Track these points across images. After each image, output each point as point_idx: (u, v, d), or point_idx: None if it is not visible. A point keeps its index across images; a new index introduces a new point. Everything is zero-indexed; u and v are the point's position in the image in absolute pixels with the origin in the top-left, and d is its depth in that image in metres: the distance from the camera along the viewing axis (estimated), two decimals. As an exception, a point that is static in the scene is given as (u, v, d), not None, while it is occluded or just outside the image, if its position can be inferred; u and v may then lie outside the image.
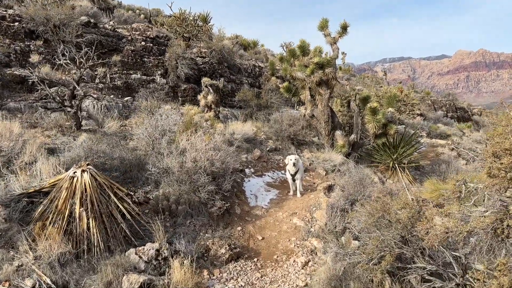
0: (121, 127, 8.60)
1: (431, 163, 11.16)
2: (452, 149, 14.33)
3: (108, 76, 11.37)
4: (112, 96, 10.74)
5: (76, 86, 7.67)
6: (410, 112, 18.31)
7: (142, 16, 21.33)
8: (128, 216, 4.84)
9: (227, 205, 6.15)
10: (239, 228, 5.93)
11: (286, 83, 10.60)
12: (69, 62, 7.61)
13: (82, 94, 7.70)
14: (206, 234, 5.49)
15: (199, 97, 10.67)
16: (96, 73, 11.24)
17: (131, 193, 5.29)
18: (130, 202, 4.99)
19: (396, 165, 10.08)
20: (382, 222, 4.04)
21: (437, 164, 11.11)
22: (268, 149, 9.47)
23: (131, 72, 12.44)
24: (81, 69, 7.74)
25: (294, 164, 7.00)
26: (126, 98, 10.82)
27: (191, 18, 16.24)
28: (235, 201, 6.73)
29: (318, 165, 9.40)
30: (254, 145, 9.47)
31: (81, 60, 7.74)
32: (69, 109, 7.68)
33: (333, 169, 9.37)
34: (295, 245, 5.56)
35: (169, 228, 5.44)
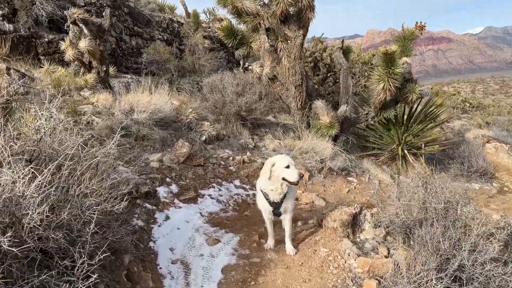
0: None
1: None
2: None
3: None
4: None
5: None
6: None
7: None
8: None
9: None
10: None
11: (226, 22, 6.11)
12: None
13: None
14: None
15: (64, 44, 5.60)
16: None
17: None
18: None
19: (406, 151, 6.48)
20: None
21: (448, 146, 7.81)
22: (204, 138, 4.98)
23: None
24: None
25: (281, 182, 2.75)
26: None
27: None
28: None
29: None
30: (176, 133, 4.93)
31: None
32: None
33: (321, 167, 5.37)
34: None
35: None
